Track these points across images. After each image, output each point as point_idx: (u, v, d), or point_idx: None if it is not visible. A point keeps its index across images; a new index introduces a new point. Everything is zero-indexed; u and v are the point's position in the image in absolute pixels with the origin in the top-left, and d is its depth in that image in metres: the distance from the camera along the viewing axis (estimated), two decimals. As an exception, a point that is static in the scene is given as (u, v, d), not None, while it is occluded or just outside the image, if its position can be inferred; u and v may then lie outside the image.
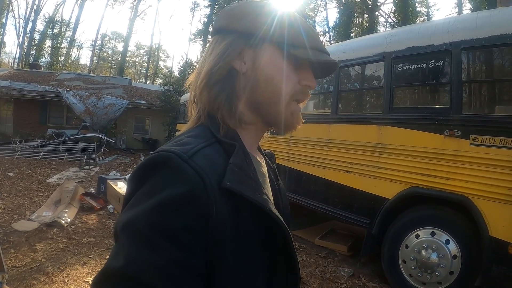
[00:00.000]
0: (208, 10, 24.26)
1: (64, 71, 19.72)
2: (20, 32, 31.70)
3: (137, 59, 44.73)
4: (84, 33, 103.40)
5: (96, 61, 38.43)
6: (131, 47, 40.42)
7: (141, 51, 43.91)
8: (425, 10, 22.76)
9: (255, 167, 0.52)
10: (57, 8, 33.65)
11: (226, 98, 0.52)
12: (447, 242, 2.58)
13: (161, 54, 42.20)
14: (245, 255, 0.44)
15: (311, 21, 25.76)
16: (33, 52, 29.30)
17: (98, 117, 11.97)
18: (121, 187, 5.10)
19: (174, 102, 13.24)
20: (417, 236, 2.75)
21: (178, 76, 15.82)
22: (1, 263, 2.40)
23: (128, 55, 38.35)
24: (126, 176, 6.06)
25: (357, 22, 23.87)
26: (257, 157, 0.58)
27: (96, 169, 8.58)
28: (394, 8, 18.28)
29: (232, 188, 0.42)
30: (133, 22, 33.73)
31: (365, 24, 21.78)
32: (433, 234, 2.67)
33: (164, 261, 0.37)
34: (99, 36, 37.24)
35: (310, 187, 3.91)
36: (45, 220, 4.13)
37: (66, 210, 4.46)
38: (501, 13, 2.58)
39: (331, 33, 24.04)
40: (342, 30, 18.99)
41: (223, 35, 0.54)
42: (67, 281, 2.75)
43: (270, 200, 0.48)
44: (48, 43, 30.95)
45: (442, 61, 2.77)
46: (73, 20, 33.29)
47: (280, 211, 0.51)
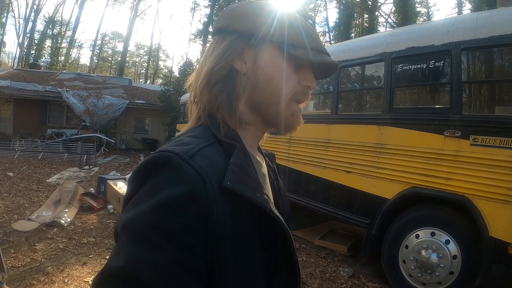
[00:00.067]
0: (208, 10, 24.27)
1: (64, 71, 19.71)
2: (20, 32, 31.76)
3: (137, 59, 44.79)
4: (84, 33, 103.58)
5: (96, 61, 38.45)
6: (131, 47, 40.54)
7: (141, 51, 44.01)
8: (425, 11, 22.79)
9: (255, 167, 0.52)
10: (57, 8, 33.73)
11: (227, 98, 0.52)
12: (447, 242, 2.58)
13: (161, 54, 42.30)
14: (245, 255, 0.44)
15: (311, 21, 25.76)
16: (33, 52, 29.31)
17: (98, 117, 11.97)
18: (121, 187, 5.09)
19: (174, 102, 13.25)
20: (417, 236, 2.75)
21: (178, 76, 15.83)
22: (1, 263, 2.40)
23: (128, 55, 38.38)
24: (126, 176, 6.06)
25: (357, 22, 23.86)
26: (257, 157, 0.58)
27: (96, 169, 8.58)
28: (394, 8, 18.30)
29: (233, 188, 0.42)
30: (133, 22, 33.79)
31: (365, 24, 21.78)
32: (433, 234, 2.67)
33: (164, 261, 0.37)
34: (99, 36, 37.34)
35: (310, 187, 3.91)
36: (45, 220, 4.13)
37: (66, 210, 4.46)
38: (501, 14, 2.58)
39: (331, 33, 24.04)
40: (342, 30, 19.00)
41: (224, 35, 0.54)
42: (67, 281, 2.75)
43: (270, 200, 0.48)
44: (48, 43, 31.01)
45: (442, 62, 2.77)
46: (73, 20, 33.38)
47: (280, 211, 0.51)
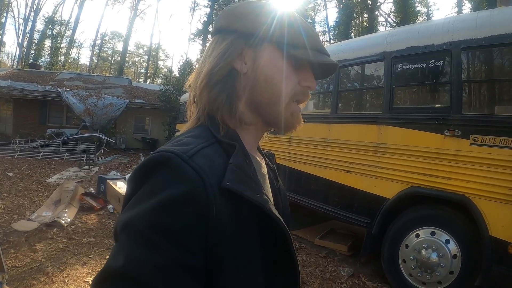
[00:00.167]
0: (208, 10, 24.29)
1: (64, 71, 19.72)
2: (20, 32, 31.73)
3: (137, 59, 44.78)
4: (84, 33, 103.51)
5: (96, 61, 38.44)
6: (131, 47, 40.52)
7: (141, 51, 44.00)
8: (425, 10, 22.77)
9: (255, 167, 0.52)
10: (57, 8, 33.67)
11: (226, 99, 0.52)
12: (447, 242, 2.58)
13: (161, 54, 42.29)
14: (245, 255, 0.44)
15: (311, 21, 25.76)
16: (33, 52, 29.29)
17: (98, 117, 11.97)
18: (121, 187, 5.10)
19: (174, 102, 13.25)
20: (417, 236, 2.75)
21: (178, 76, 15.84)
22: (1, 263, 2.40)
23: (128, 55, 38.41)
24: (126, 176, 6.06)
25: (357, 22, 23.86)
26: (257, 158, 0.58)
27: (96, 169, 8.58)
28: (394, 8, 18.31)
29: (232, 188, 0.42)
30: (133, 22, 33.76)
31: (365, 24, 21.78)
32: (433, 234, 2.67)
33: (164, 261, 0.37)
34: (99, 36, 37.32)
35: (310, 187, 3.91)
36: (45, 220, 4.13)
37: (66, 210, 4.46)
38: (501, 13, 2.58)
39: (331, 33, 24.04)
40: (342, 30, 18.99)
41: (224, 35, 0.54)
42: (67, 281, 2.75)
43: (270, 200, 0.48)
44: (48, 43, 30.96)
45: (442, 61, 2.77)
46: (73, 20, 33.33)
47: (280, 211, 0.51)
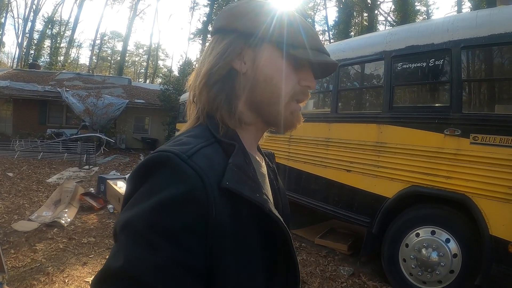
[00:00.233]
0: (208, 9, 24.27)
1: (64, 71, 19.72)
2: (19, 32, 31.73)
3: (137, 59, 44.75)
4: (83, 33, 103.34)
5: (96, 61, 38.42)
6: (131, 47, 40.50)
7: (141, 51, 43.98)
8: (425, 9, 22.77)
9: (255, 167, 0.52)
10: (56, 8, 33.62)
11: (226, 98, 0.52)
12: (447, 241, 2.58)
13: (161, 54, 42.27)
14: (245, 255, 0.44)
15: (311, 20, 25.76)
16: (32, 52, 29.29)
17: (98, 117, 11.96)
18: (121, 187, 5.10)
19: (174, 102, 13.24)
20: (417, 235, 2.75)
21: (178, 76, 15.85)
22: (1, 264, 2.40)
23: (128, 55, 38.42)
24: (126, 176, 6.06)
25: (357, 21, 23.84)
26: (257, 157, 0.58)
27: (96, 169, 8.58)
28: (394, 7, 18.33)
29: (232, 188, 0.42)
30: (132, 22, 33.74)
31: (365, 23, 21.77)
32: (433, 233, 2.67)
33: (164, 261, 0.37)
34: (98, 36, 37.31)
35: (310, 186, 3.91)
36: (45, 220, 4.13)
37: (66, 210, 4.46)
38: (501, 12, 2.57)
39: (331, 32, 24.02)
40: (342, 29, 18.97)
41: (223, 35, 0.54)
42: (67, 281, 2.75)
43: (270, 200, 0.48)
44: (47, 43, 30.96)
45: (442, 60, 2.77)
46: (72, 20, 33.28)
47: (280, 211, 0.50)
